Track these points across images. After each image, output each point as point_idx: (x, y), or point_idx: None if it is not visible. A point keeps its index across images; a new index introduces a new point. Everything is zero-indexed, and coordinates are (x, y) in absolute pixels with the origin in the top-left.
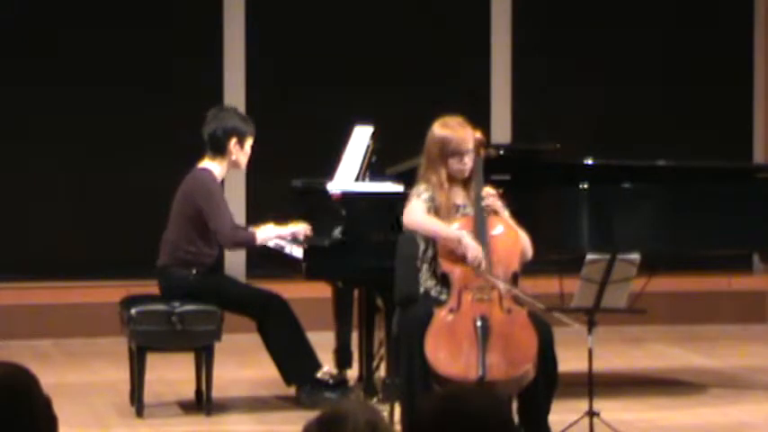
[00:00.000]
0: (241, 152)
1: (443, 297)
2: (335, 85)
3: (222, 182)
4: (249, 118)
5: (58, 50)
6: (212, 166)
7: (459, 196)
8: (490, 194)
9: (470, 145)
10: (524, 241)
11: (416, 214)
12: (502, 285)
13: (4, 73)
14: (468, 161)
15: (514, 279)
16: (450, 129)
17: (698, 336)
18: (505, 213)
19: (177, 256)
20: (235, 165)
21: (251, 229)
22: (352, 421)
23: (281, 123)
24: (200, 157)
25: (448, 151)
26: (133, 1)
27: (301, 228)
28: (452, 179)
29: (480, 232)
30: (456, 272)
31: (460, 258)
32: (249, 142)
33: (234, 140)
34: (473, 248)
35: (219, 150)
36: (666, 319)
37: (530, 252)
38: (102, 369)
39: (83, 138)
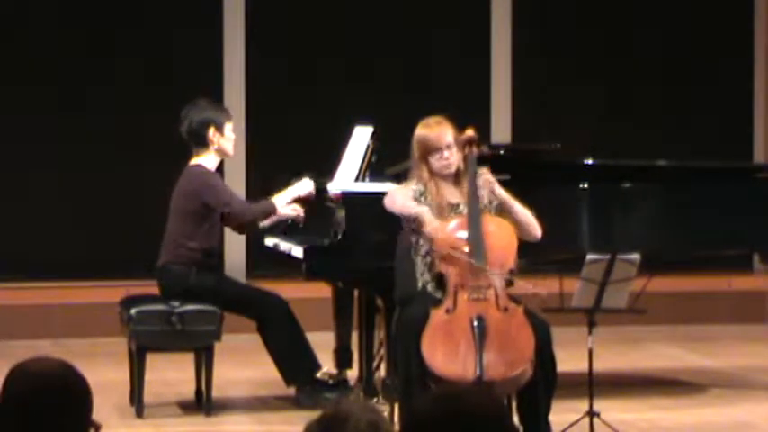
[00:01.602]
0: (222, 139)
1: (439, 295)
2: (335, 85)
3: (222, 178)
4: (222, 106)
5: (58, 50)
6: (202, 160)
7: (453, 195)
8: (484, 174)
9: (447, 140)
10: (529, 220)
11: (394, 195)
12: (497, 280)
13: (4, 73)
14: (450, 156)
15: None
16: (428, 127)
17: (698, 336)
18: (502, 193)
19: (179, 253)
20: (222, 153)
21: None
22: (353, 421)
23: (281, 123)
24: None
25: (426, 149)
26: (133, 1)
27: (307, 184)
28: (443, 177)
29: (475, 230)
30: (451, 272)
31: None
32: (228, 128)
33: (212, 129)
34: (429, 222)
35: (202, 143)
36: (666, 319)
37: (538, 231)
38: (102, 369)
39: (82, 138)
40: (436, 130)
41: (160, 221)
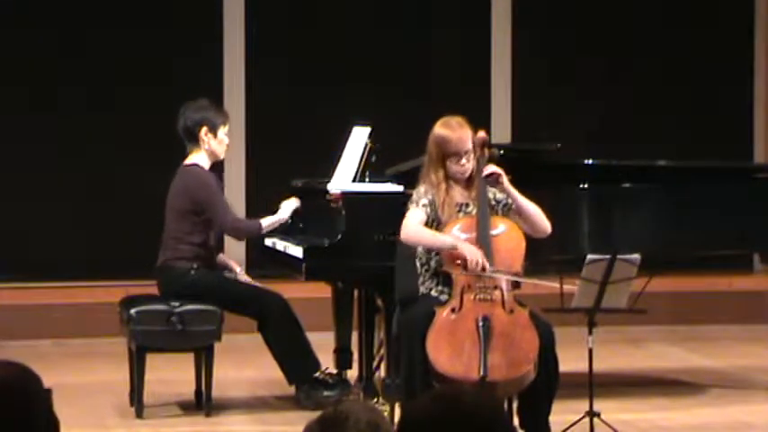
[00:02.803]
0: (214, 140)
1: (444, 297)
2: (335, 85)
3: (222, 180)
4: (221, 108)
5: (58, 50)
6: (196, 158)
7: (462, 196)
8: (492, 170)
9: (468, 146)
10: (539, 214)
11: (411, 228)
12: (505, 278)
13: (5, 74)
14: (467, 162)
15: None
16: (450, 129)
17: (698, 336)
18: (511, 189)
19: (179, 249)
20: (212, 155)
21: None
22: (353, 421)
23: (281, 123)
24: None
25: (446, 151)
26: (134, 1)
27: (294, 203)
28: (455, 179)
29: (483, 232)
30: (458, 271)
31: (462, 263)
32: (222, 131)
33: (204, 129)
34: (471, 253)
35: (194, 141)
36: (666, 319)
37: (548, 225)
38: (102, 369)
39: (82, 138)
40: (458, 133)
41: (160, 221)
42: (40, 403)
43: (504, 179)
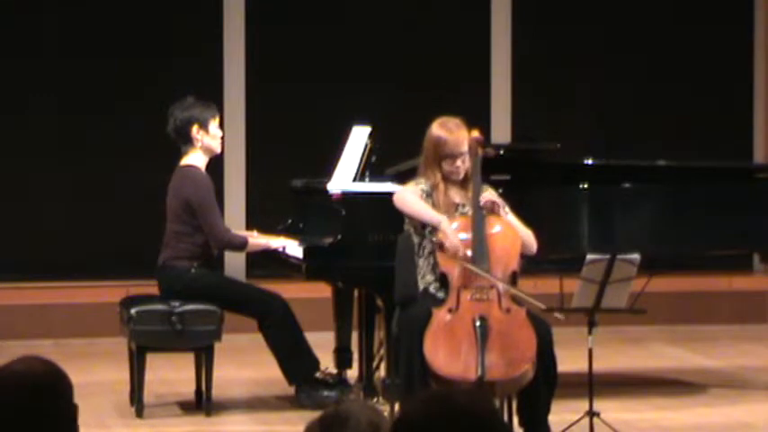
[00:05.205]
0: (207, 136)
1: (441, 295)
2: (335, 85)
3: (222, 181)
4: (209, 103)
5: (58, 50)
6: (192, 159)
7: (458, 195)
8: (488, 198)
9: (464, 148)
10: (527, 236)
11: (406, 194)
12: (501, 285)
13: (7, 75)
14: (461, 164)
15: (513, 278)
16: (447, 130)
17: (698, 336)
18: (507, 214)
19: (180, 248)
20: (208, 151)
21: (244, 233)
22: (353, 421)
23: (281, 123)
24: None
25: (442, 152)
26: (134, 1)
27: (291, 243)
28: (449, 179)
29: (478, 232)
30: (454, 272)
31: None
32: (213, 125)
33: (195, 127)
34: (451, 235)
35: (188, 141)
36: (666, 319)
37: (533, 246)
38: (102, 369)
39: (82, 137)
40: (456, 135)
41: (160, 221)
42: (66, 402)
43: (502, 210)
